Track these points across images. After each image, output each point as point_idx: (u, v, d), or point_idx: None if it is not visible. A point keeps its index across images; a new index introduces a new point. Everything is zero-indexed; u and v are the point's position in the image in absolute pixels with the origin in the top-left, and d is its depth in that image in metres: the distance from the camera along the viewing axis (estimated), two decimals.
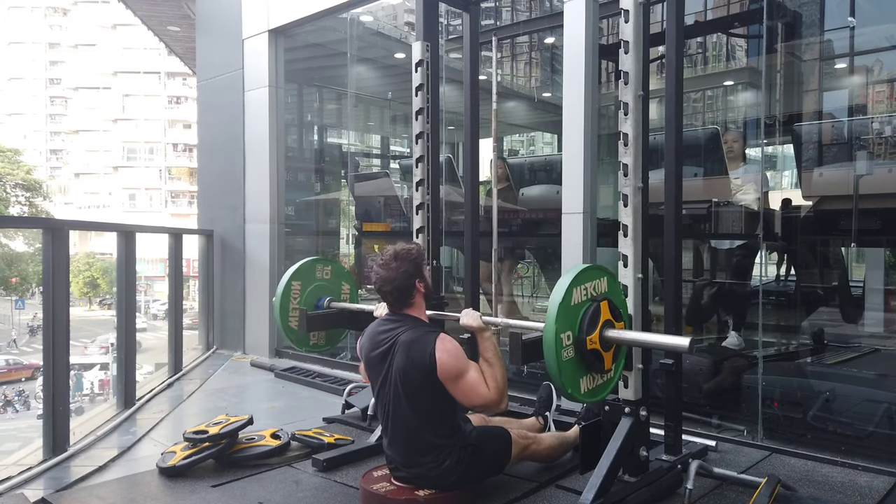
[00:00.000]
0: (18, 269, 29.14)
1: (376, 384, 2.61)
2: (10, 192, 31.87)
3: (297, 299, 3.44)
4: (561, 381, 2.23)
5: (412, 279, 2.57)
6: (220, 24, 6.82)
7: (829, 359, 4.01)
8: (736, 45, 5.43)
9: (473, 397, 2.47)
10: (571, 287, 2.28)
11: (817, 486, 2.81)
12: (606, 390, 2.45)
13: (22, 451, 3.57)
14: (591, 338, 2.28)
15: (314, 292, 3.51)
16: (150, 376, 5.81)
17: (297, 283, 3.45)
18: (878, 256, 4.37)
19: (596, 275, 2.40)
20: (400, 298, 2.59)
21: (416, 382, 2.45)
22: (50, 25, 55.41)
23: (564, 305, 2.25)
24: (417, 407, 2.48)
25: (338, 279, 3.62)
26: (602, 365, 2.35)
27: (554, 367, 2.21)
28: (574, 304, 2.29)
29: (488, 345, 2.57)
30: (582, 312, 2.30)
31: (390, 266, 2.56)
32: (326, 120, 7.90)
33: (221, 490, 2.81)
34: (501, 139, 4.65)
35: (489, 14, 6.54)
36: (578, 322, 2.28)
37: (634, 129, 2.56)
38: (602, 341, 2.32)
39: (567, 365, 2.24)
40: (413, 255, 2.60)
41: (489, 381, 2.48)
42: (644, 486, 2.59)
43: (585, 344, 2.27)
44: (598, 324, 2.31)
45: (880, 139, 3.80)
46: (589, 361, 2.30)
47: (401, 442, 2.53)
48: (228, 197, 6.53)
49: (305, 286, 3.47)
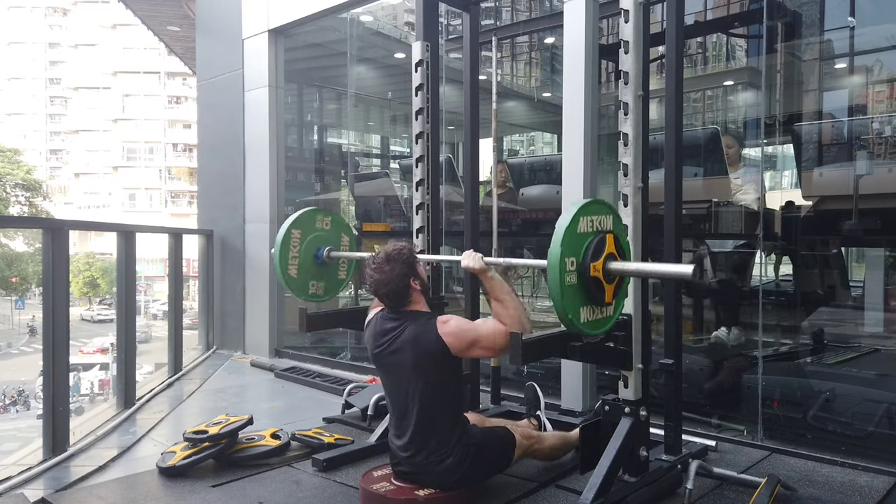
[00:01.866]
0: (18, 269, 29.14)
1: (388, 379, 2.64)
2: (10, 192, 31.86)
3: (296, 247, 3.39)
4: (563, 306, 2.18)
5: (406, 279, 2.59)
6: (219, 23, 6.82)
7: (829, 359, 4.01)
8: (736, 45, 5.43)
9: (497, 344, 2.46)
10: (579, 215, 2.25)
11: (817, 486, 2.81)
12: (606, 326, 2.40)
13: (22, 451, 3.57)
14: (594, 265, 2.25)
15: (314, 241, 3.45)
16: (150, 376, 5.81)
17: (297, 232, 3.40)
18: (878, 256, 4.37)
19: (603, 210, 2.37)
20: (397, 300, 2.61)
21: (432, 371, 2.50)
22: (50, 25, 55.41)
23: (571, 231, 2.22)
24: (432, 398, 2.51)
25: (338, 230, 3.58)
26: (603, 296, 2.30)
27: (556, 291, 2.17)
28: (580, 233, 2.26)
29: (494, 284, 2.54)
30: (587, 241, 2.27)
31: (384, 269, 2.58)
32: (326, 120, 7.91)
33: (221, 490, 2.81)
34: (501, 139, 4.65)
35: (489, 14, 6.53)
36: (583, 249, 2.25)
37: (634, 129, 2.56)
38: (605, 272, 2.28)
39: (569, 290, 2.21)
40: (405, 255, 2.62)
41: (504, 319, 2.47)
42: (644, 486, 2.59)
43: (589, 270, 2.23)
44: (603, 254, 2.28)
45: (880, 139, 3.80)
46: (590, 290, 2.26)
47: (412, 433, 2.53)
48: (228, 197, 6.53)
49: (305, 235, 3.43)
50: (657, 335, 3.21)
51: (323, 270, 3.52)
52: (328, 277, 3.56)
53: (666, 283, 2.99)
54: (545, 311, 6.14)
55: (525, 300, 6.41)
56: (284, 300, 6.23)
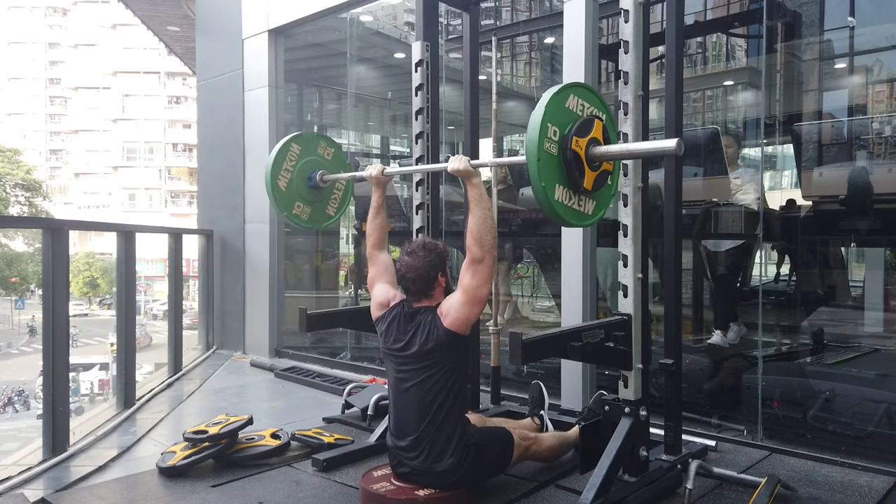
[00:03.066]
0: (18, 269, 29.13)
1: (394, 372, 2.64)
2: (9, 192, 31.85)
3: (292, 162, 3.34)
4: (537, 171, 2.11)
5: (436, 270, 2.62)
6: (219, 24, 6.82)
7: (829, 359, 4.01)
8: (736, 45, 5.43)
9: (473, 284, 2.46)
10: (569, 89, 2.20)
11: (817, 486, 2.81)
12: (580, 220, 2.33)
13: (22, 451, 3.57)
14: (578, 139, 2.18)
15: (311, 163, 3.40)
16: (150, 376, 5.81)
17: (297, 147, 3.36)
18: (878, 256, 4.38)
19: (596, 101, 2.32)
20: (421, 288, 2.62)
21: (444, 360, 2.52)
22: (50, 25, 55.39)
23: (558, 99, 2.16)
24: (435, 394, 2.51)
25: (337, 164, 3.53)
26: (582, 180, 2.23)
27: (533, 154, 2.10)
28: (568, 108, 2.20)
29: (475, 192, 2.52)
30: (574, 118, 2.22)
31: (418, 254, 2.62)
32: (326, 120, 7.90)
33: (221, 490, 2.81)
34: (501, 139, 4.64)
35: (489, 14, 6.53)
36: (569, 124, 2.20)
37: (634, 129, 2.56)
38: (588, 154, 2.23)
39: (547, 158, 2.13)
40: (440, 249, 2.67)
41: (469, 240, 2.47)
42: (644, 485, 2.59)
43: (571, 142, 2.16)
44: (588, 134, 2.22)
45: (880, 139, 3.80)
46: (570, 167, 2.19)
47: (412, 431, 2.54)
48: (228, 197, 6.53)
49: (304, 154, 3.38)
50: (657, 335, 3.22)
51: (313, 195, 3.45)
52: (316, 206, 3.50)
53: (666, 282, 2.99)
54: (545, 311, 6.14)
55: (524, 300, 6.41)
56: (284, 300, 6.24)
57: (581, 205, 2.29)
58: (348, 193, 3.65)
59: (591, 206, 2.34)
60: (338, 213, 3.63)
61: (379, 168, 3.01)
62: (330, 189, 3.52)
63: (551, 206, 2.18)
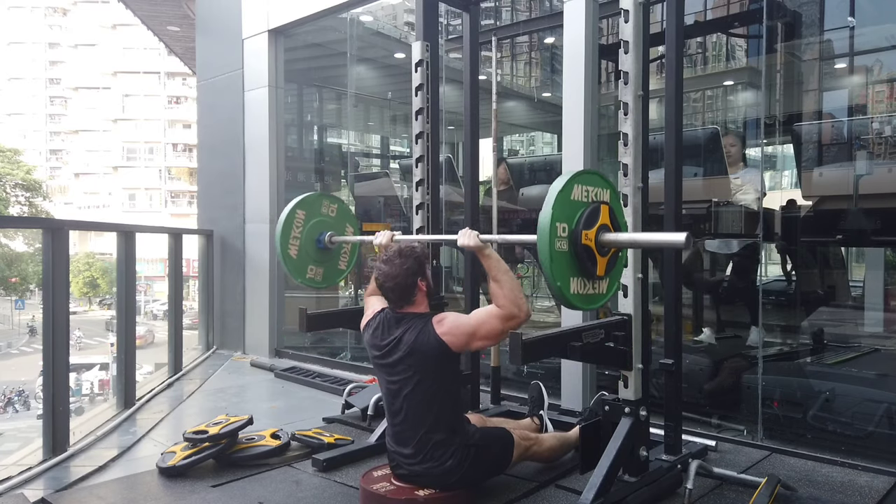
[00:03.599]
0: (18, 269, 29.14)
1: (387, 382, 2.62)
2: (10, 192, 31.85)
3: (299, 228, 3.37)
4: (551, 272, 2.13)
5: (415, 277, 2.59)
6: (219, 24, 6.82)
7: (829, 359, 4.01)
8: (736, 45, 5.43)
9: (496, 328, 2.42)
10: (573, 181, 2.21)
11: (817, 486, 2.81)
12: (597, 302, 2.34)
13: (22, 451, 3.57)
14: (587, 233, 2.20)
15: (317, 225, 3.43)
16: (150, 376, 5.81)
17: (302, 213, 3.38)
18: (878, 256, 4.37)
19: (599, 182, 2.32)
20: (402, 296, 2.60)
21: (438, 369, 2.49)
22: (50, 25, 55.41)
23: (563, 196, 2.18)
24: (431, 400, 2.50)
25: (343, 219, 3.56)
26: (595, 269, 2.26)
27: (546, 256, 2.11)
28: (573, 200, 2.22)
29: (491, 262, 2.48)
30: (581, 209, 2.24)
31: (394, 262, 2.58)
32: (326, 120, 7.90)
33: (221, 490, 2.81)
34: (501, 139, 4.65)
35: (489, 14, 6.53)
36: (576, 217, 2.22)
37: (634, 129, 2.56)
38: (598, 243, 2.24)
39: (559, 257, 2.16)
40: (417, 253, 2.63)
41: (499, 300, 2.42)
42: (644, 486, 2.59)
43: (580, 238, 2.19)
44: (596, 224, 2.24)
45: (880, 139, 3.80)
46: (581, 260, 2.22)
47: (410, 435, 2.53)
48: (228, 197, 6.53)
49: (309, 217, 3.40)
50: (657, 335, 3.21)
51: (323, 256, 3.49)
52: (328, 264, 3.53)
53: (666, 282, 2.99)
54: (545, 312, 6.14)
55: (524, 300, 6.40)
56: (284, 300, 6.24)
57: (596, 287, 2.32)
58: (356, 245, 3.67)
59: (605, 286, 2.36)
60: (349, 265, 3.65)
61: (388, 235, 2.99)
62: (339, 245, 3.55)
63: (568, 301, 2.24)
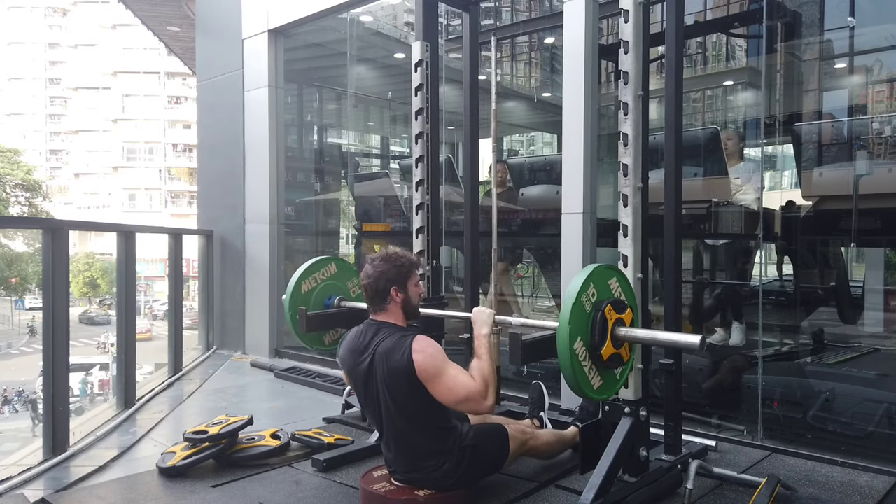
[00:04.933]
0: (18, 269, 29.13)
1: (363, 395, 2.57)
2: (10, 192, 31.86)
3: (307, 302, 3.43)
4: (580, 386, 2.25)
5: (388, 283, 2.52)
6: (219, 24, 6.82)
7: (829, 359, 4.01)
8: (736, 45, 5.43)
9: (456, 393, 2.38)
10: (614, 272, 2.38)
11: (817, 486, 2.81)
12: (618, 385, 2.47)
13: (22, 451, 3.57)
14: (611, 309, 2.31)
15: (322, 293, 3.49)
16: (150, 376, 5.81)
17: (306, 286, 3.44)
18: (878, 256, 4.37)
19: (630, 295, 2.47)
20: (373, 298, 2.56)
21: (402, 389, 2.41)
22: (50, 25, 55.39)
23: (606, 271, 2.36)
24: (408, 414, 2.45)
25: (344, 276, 3.61)
26: (601, 345, 2.31)
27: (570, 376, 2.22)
28: (609, 285, 2.38)
29: (482, 341, 2.53)
30: (612, 296, 2.37)
31: (375, 262, 2.57)
32: (326, 120, 7.90)
33: (221, 490, 2.81)
34: (501, 139, 4.64)
35: (489, 14, 6.53)
36: (607, 297, 2.34)
37: (634, 129, 2.56)
38: (614, 338, 2.33)
39: (579, 308, 2.25)
40: (401, 262, 2.56)
41: (475, 374, 2.42)
42: (644, 486, 2.59)
43: (604, 307, 2.30)
44: (622, 313, 2.35)
45: (880, 139, 3.80)
46: (594, 325, 2.30)
47: (398, 450, 2.52)
48: (228, 197, 6.53)
49: (313, 288, 3.47)
50: None
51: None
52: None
53: (666, 282, 2.99)
54: (545, 312, 6.14)
55: (524, 300, 6.41)
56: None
57: (590, 372, 2.33)
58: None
59: (598, 382, 2.36)
60: None
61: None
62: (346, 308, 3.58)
63: (594, 398, 2.36)
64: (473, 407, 2.44)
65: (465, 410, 2.53)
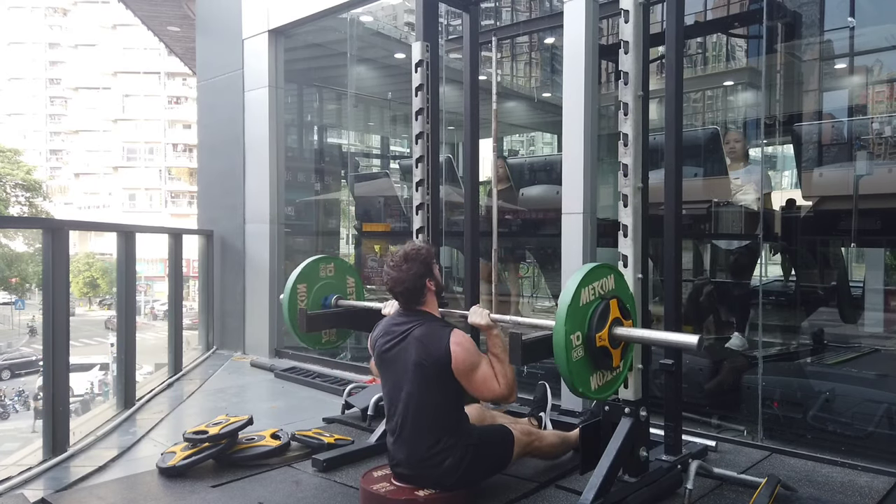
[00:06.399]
0: (18, 269, 29.14)
1: (389, 377, 2.63)
2: (10, 192, 31.87)
3: (304, 301, 3.43)
4: (572, 382, 2.24)
5: (423, 279, 2.61)
6: (220, 24, 6.82)
7: (829, 359, 4.01)
8: (736, 45, 5.43)
9: (485, 391, 2.55)
10: (579, 289, 2.28)
11: (817, 486, 2.81)
12: (614, 386, 2.46)
13: (22, 451, 3.57)
14: (599, 335, 2.29)
15: (320, 292, 3.50)
16: (150, 376, 5.81)
17: (303, 286, 3.45)
18: (878, 256, 4.37)
19: (602, 273, 2.39)
20: (411, 299, 2.63)
21: (432, 375, 2.50)
22: (50, 25, 55.40)
23: (573, 307, 2.25)
24: (431, 398, 2.51)
25: (342, 275, 3.62)
26: (611, 362, 2.36)
27: (564, 368, 2.22)
28: (583, 305, 2.30)
29: (497, 342, 2.61)
30: (591, 312, 2.31)
31: (401, 268, 2.60)
32: (326, 120, 7.90)
33: (221, 490, 2.81)
34: (501, 139, 4.65)
35: (489, 14, 6.53)
36: (587, 321, 2.30)
37: (634, 129, 2.56)
38: (611, 339, 2.34)
39: (577, 365, 2.26)
40: (423, 256, 2.65)
41: (499, 378, 2.55)
42: (644, 486, 2.59)
43: (595, 342, 2.28)
44: (607, 322, 2.33)
45: (880, 139, 3.80)
46: (598, 359, 2.32)
47: (409, 434, 2.54)
48: (228, 197, 6.53)
49: (311, 287, 3.47)
50: None
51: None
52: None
53: (666, 282, 2.99)
54: (545, 312, 6.14)
55: (524, 300, 6.41)
56: None
57: (613, 373, 2.42)
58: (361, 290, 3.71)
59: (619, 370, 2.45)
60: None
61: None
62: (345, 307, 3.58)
63: (590, 397, 2.38)
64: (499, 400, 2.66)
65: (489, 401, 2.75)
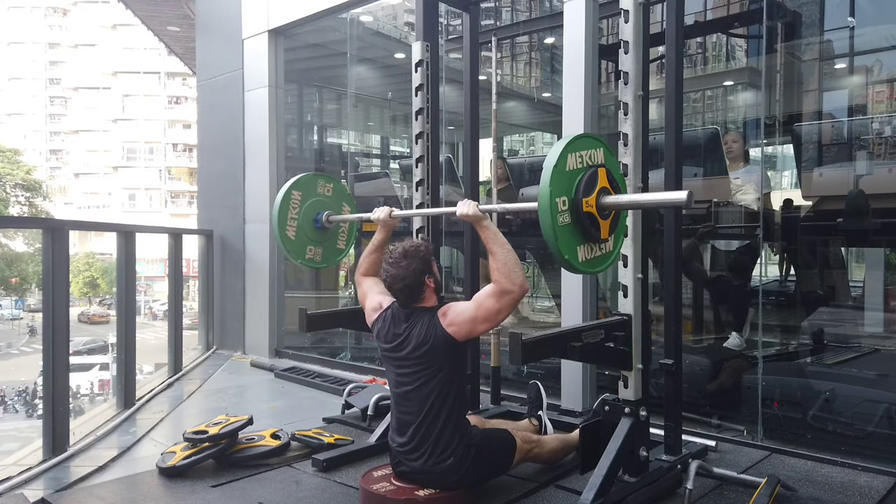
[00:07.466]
0: (18, 269, 29.14)
1: (394, 376, 2.64)
2: (10, 192, 31.86)
3: (296, 209, 3.36)
4: (557, 247, 2.15)
5: (422, 276, 2.61)
6: (219, 24, 6.82)
7: (829, 359, 4.01)
8: (736, 45, 5.43)
9: (493, 307, 2.44)
10: (566, 152, 2.20)
11: (817, 486, 2.81)
12: (605, 263, 2.37)
13: (22, 451, 3.57)
14: (587, 200, 2.20)
15: (314, 205, 3.43)
16: (150, 376, 5.81)
17: (298, 194, 3.37)
18: (879, 256, 4.37)
19: (592, 144, 2.31)
20: (411, 295, 2.63)
21: (441, 361, 2.52)
22: (50, 25, 55.37)
23: (559, 170, 2.17)
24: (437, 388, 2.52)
25: (339, 198, 3.56)
26: (598, 233, 2.27)
27: (550, 233, 2.12)
28: (569, 170, 2.21)
29: (489, 234, 2.50)
30: (578, 178, 2.23)
31: (400, 264, 2.61)
32: (326, 120, 7.91)
33: (221, 490, 2.81)
34: (501, 139, 4.64)
35: (489, 14, 6.53)
36: (574, 187, 2.21)
37: (634, 129, 2.56)
38: (598, 207, 2.25)
39: (563, 231, 2.17)
40: (422, 252, 2.65)
41: (494, 274, 2.44)
42: (644, 486, 2.59)
43: (581, 206, 2.19)
44: (595, 189, 2.24)
45: (880, 139, 3.80)
46: (585, 227, 2.23)
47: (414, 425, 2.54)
48: (228, 197, 6.53)
49: (306, 198, 3.40)
50: (657, 335, 3.22)
51: (322, 236, 3.49)
52: (327, 244, 3.53)
53: (666, 283, 2.99)
54: (545, 312, 6.14)
55: (524, 300, 6.42)
56: (284, 300, 6.24)
57: (602, 249, 2.34)
58: (354, 225, 3.66)
59: (610, 244, 2.38)
60: (348, 244, 3.66)
61: (386, 210, 3.01)
62: (336, 224, 3.54)
63: (578, 270, 2.26)
64: (513, 300, 2.46)
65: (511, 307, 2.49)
